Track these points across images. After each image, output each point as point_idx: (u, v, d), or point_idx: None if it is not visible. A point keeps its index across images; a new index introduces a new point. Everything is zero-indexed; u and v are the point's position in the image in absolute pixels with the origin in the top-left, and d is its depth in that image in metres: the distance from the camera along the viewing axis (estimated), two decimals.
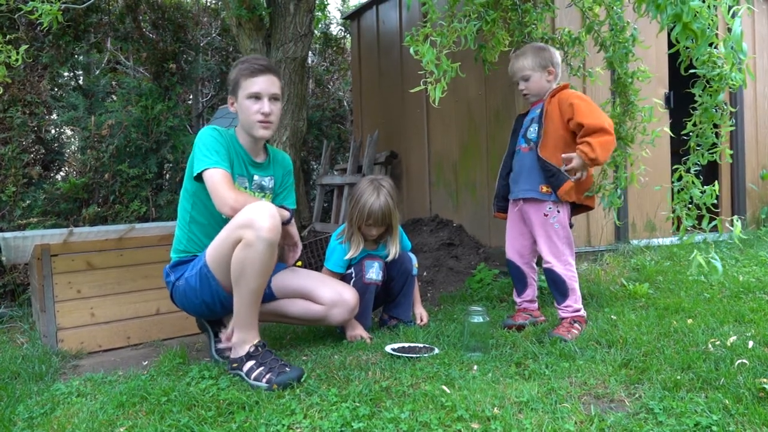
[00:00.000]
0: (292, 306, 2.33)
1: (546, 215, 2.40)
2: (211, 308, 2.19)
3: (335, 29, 7.93)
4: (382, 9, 5.31)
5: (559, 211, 2.40)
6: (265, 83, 2.16)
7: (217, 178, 2.02)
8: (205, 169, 2.04)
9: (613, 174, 2.88)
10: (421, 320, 2.64)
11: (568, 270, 2.39)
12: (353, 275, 2.50)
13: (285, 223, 2.21)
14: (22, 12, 2.63)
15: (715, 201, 2.18)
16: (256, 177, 2.30)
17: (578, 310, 2.38)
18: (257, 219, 1.90)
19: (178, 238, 2.28)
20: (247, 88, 2.15)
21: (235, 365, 2.02)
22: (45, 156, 5.34)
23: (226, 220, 2.18)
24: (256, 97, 2.15)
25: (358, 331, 2.43)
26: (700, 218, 2.14)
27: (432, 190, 4.65)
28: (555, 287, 2.41)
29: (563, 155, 2.31)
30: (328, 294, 2.28)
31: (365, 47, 5.67)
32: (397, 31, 5.03)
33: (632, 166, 2.85)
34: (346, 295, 2.31)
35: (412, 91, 2.27)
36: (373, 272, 2.49)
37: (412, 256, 2.65)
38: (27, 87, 5.14)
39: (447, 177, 4.45)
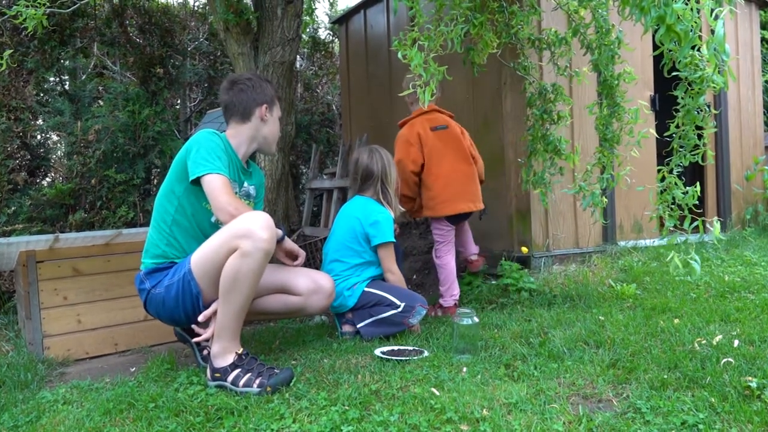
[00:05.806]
0: (270, 302, 2.30)
1: None
2: (189, 316, 2.12)
3: (323, 33, 7.95)
4: (369, 13, 5.32)
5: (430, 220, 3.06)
6: None
7: (218, 184, 2.00)
8: (208, 174, 2.01)
9: (597, 175, 2.90)
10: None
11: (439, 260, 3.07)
12: (400, 308, 2.48)
13: (279, 241, 2.22)
14: (6, 16, 2.61)
15: (698, 202, 2.21)
16: (245, 184, 2.29)
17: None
18: (255, 229, 1.88)
19: (153, 241, 2.18)
20: (279, 109, 2.37)
21: (217, 375, 1.96)
22: (30, 162, 5.29)
23: (209, 226, 2.18)
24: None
25: None
26: (682, 219, 2.17)
27: None
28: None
29: None
30: (305, 283, 2.28)
31: (353, 51, 5.67)
32: (385, 35, 5.04)
33: (619, 167, 2.88)
34: (322, 281, 2.32)
35: (400, 94, 2.28)
36: (416, 320, 2.50)
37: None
38: (12, 92, 5.09)
39: None
